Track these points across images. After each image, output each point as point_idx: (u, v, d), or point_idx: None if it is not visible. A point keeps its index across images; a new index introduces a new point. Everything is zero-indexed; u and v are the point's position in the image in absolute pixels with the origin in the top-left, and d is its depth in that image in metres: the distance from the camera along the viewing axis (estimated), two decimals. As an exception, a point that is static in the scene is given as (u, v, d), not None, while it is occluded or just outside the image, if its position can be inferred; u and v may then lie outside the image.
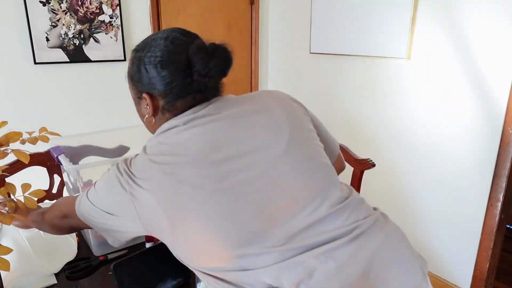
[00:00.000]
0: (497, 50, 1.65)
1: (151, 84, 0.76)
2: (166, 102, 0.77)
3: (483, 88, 1.72)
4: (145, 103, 0.78)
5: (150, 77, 0.75)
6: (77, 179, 1.06)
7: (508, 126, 1.66)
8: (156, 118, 0.80)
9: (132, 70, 0.79)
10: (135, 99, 0.83)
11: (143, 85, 0.77)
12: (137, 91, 0.79)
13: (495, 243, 1.82)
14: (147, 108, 0.78)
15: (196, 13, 2.44)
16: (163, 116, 0.79)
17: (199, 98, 0.77)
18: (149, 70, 0.74)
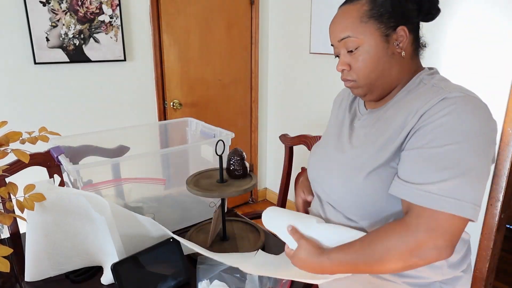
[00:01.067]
0: (497, 50, 1.65)
1: (406, 15, 0.75)
2: (415, 39, 0.78)
3: (483, 88, 1.72)
4: (395, 38, 0.75)
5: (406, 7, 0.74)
6: (77, 179, 1.06)
7: (508, 126, 1.66)
8: (405, 57, 0.77)
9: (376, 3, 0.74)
10: (380, 40, 0.74)
11: (397, 18, 0.74)
12: (388, 27, 0.74)
13: (495, 243, 1.82)
14: (397, 44, 0.75)
15: (196, 13, 2.44)
16: (413, 60, 0.79)
17: None
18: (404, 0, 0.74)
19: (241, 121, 2.92)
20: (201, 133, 1.48)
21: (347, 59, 0.78)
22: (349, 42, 0.75)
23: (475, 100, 0.68)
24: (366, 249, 0.69)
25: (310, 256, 0.76)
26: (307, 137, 1.57)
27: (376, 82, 0.77)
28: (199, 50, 2.52)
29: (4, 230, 1.54)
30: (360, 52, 0.75)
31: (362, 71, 0.76)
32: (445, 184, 0.63)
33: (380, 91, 0.79)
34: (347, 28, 0.75)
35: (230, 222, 1.30)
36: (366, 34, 0.74)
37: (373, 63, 0.75)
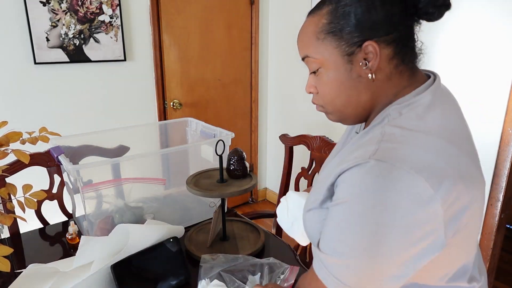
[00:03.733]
0: (497, 50, 1.65)
1: (375, 27, 0.58)
2: (396, 53, 0.60)
3: (483, 88, 1.72)
4: (361, 57, 0.60)
5: (375, 18, 0.58)
6: (77, 179, 1.06)
7: (508, 126, 1.66)
8: (377, 79, 0.61)
9: (336, 16, 0.60)
10: (340, 61, 0.61)
11: (361, 32, 0.59)
12: (351, 44, 0.59)
13: (495, 243, 1.82)
14: (365, 65, 0.60)
15: (196, 13, 2.44)
16: (389, 81, 0.62)
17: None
18: (369, 9, 0.58)
19: (241, 121, 2.92)
20: (201, 133, 1.48)
21: (313, 81, 0.67)
22: (309, 62, 0.65)
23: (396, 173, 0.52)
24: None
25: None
26: (307, 137, 1.57)
27: (344, 110, 0.65)
28: (199, 50, 2.52)
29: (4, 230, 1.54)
30: (321, 75, 0.64)
31: (326, 97, 0.65)
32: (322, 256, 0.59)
33: (354, 119, 0.67)
34: (304, 47, 0.65)
35: (230, 222, 1.30)
36: (324, 54, 0.62)
37: (335, 88, 0.63)
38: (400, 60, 0.62)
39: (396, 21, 0.59)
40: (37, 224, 1.34)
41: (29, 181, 0.89)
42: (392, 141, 0.56)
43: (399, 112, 0.60)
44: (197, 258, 1.10)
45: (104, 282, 0.92)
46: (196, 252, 1.10)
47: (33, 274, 0.92)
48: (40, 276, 0.92)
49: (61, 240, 1.25)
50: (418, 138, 0.56)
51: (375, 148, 0.55)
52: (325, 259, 0.59)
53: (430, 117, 0.59)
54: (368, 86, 0.62)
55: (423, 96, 0.61)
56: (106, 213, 1.19)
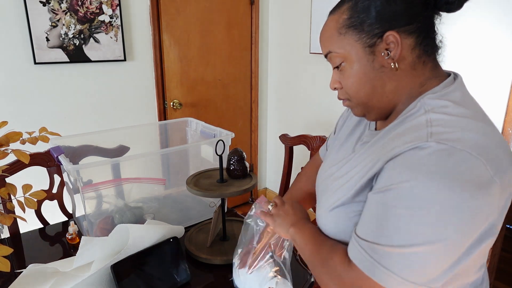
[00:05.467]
0: (497, 50, 1.65)
1: (395, 18, 0.60)
2: (418, 43, 0.61)
3: (483, 88, 1.72)
4: (383, 48, 0.61)
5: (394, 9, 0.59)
6: (77, 179, 1.06)
7: (508, 126, 1.66)
8: (401, 69, 0.62)
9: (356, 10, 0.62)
10: (362, 53, 0.62)
11: (381, 23, 0.60)
12: (371, 35, 0.61)
13: (495, 243, 1.82)
14: (387, 55, 0.61)
15: (196, 13, 2.44)
16: (413, 71, 0.62)
17: None
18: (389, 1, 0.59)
19: (241, 121, 2.92)
20: (201, 133, 1.48)
21: (337, 76, 0.68)
22: (332, 58, 0.67)
23: (458, 155, 0.51)
24: (315, 250, 0.69)
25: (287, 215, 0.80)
26: (307, 137, 1.58)
27: (369, 102, 0.66)
28: (199, 50, 2.52)
29: (4, 230, 1.55)
30: (345, 68, 0.65)
31: (351, 89, 0.66)
32: (381, 249, 0.55)
33: (379, 111, 0.67)
34: (327, 43, 0.67)
35: (230, 222, 1.30)
36: (346, 48, 0.64)
37: (359, 80, 0.64)
38: (423, 51, 0.62)
39: (416, 12, 0.60)
40: (37, 224, 1.34)
41: (29, 181, 0.89)
42: (443, 126, 0.55)
43: (437, 102, 0.60)
44: (197, 258, 1.10)
45: (104, 282, 0.92)
46: (196, 252, 1.10)
47: (33, 274, 0.92)
48: (40, 276, 0.92)
49: (61, 240, 1.25)
50: (467, 123, 0.56)
51: (428, 131, 0.55)
52: (384, 254, 0.54)
53: (469, 105, 0.60)
54: (392, 75, 0.63)
55: (454, 89, 0.62)
56: (106, 213, 1.19)
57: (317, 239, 0.71)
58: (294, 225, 0.77)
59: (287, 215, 0.80)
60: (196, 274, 1.05)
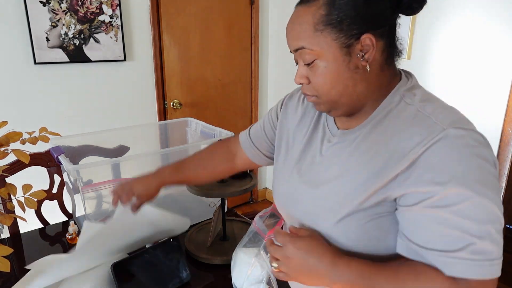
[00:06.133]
0: (497, 50, 1.65)
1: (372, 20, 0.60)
2: (386, 45, 0.63)
3: (483, 88, 1.72)
4: (358, 49, 0.61)
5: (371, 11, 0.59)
6: (77, 179, 1.06)
7: (507, 126, 1.66)
8: (372, 70, 0.63)
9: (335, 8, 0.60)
10: (339, 53, 0.61)
11: (360, 25, 0.60)
12: (349, 36, 0.60)
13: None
14: (361, 57, 0.61)
15: (196, 13, 2.44)
16: (382, 72, 0.64)
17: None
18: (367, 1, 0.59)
19: (241, 121, 2.92)
20: (201, 133, 1.48)
21: (305, 72, 0.65)
22: (303, 54, 0.63)
23: (476, 135, 0.56)
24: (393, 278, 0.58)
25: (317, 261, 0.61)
26: (307, 137, 1.57)
27: (340, 99, 0.65)
28: (199, 50, 2.52)
29: (4, 230, 1.55)
30: (317, 66, 0.63)
31: (321, 87, 0.64)
32: (474, 247, 0.54)
33: (346, 108, 0.67)
34: (300, 37, 0.63)
35: (230, 222, 1.30)
36: (322, 46, 0.61)
37: (333, 80, 0.63)
38: (389, 54, 0.65)
39: (387, 15, 0.61)
40: (37, 224, 1.34)
41: (29, 181, 0.89)
42: (440, 112, 0.59)
43: (412, 93, 0.64)
44: (197, 258, 1.10)
45: (104, 282, 0.92)
46: (196, 252, 1.10)
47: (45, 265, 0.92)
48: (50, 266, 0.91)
49: (61, 240, 1.25)
50: (450, 108, 0.61)
51: (433, 120, 0.58)
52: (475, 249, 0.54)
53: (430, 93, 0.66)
54: (364, 76, 0.63)
55: (416, 85, 0.67)
56: (106, 213, 1.19)
57: (381, 267, 0.59)
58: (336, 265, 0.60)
59: (306, 267, 0.61)
60: (196, 274, 1.05)
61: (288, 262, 0.63)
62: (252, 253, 0.90)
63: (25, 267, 0.94)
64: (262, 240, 0.91)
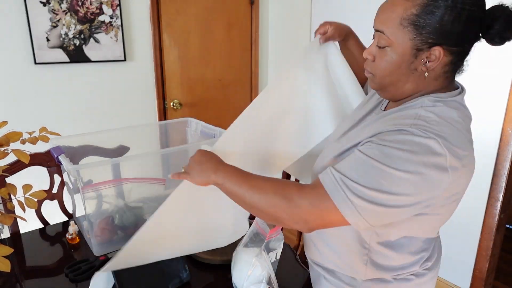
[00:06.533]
0: (497, 50, 1.65)
1: (449, 36, 0.66)
2: (452, 63, 0.70)
3: (483, 88, 1.72)
4: (425, 56, 0.68)
5: (454, 28, 0.64)
6: (77, 179, 1.06)
7: (507, 126, 1.66)
8: (427, 77, 0.70)
9: (426, 13, 0.65)
10: (408, 51, 0.68)
11: (437, 36, 0.66)
12: (424, 42, 0.67)
13: (495, 243, 1.82)
14: (424, 63, 0.68)
15: (196, 13, 2.44)
16: (435, 81, 0.71)
17: None
18: (455, 20, 0.64)
19: (241, 121, 2.92)
20: (201, 133, 1.48)
21: (375, 51, 0.74)
22: (381, 37, 0.71)
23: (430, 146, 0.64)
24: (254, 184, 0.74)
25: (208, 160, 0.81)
26: (307, 137, 1.57)
27: (388, 87, 0.75)
28: (199, 50, 2.52)
29: (4, 230, 1.55)
30: (386, 52, 0.71)
31: (380, 70, 0.73)
32: (349, 182, 0.65)
33: (390, 96, 0.77)
34: (384, 23, 0.70)
35: (230, 222, 1.29)
36: (398, 39, 0.68)
37: (392, 69, 0.71)
38: (452, 69, 0.72)
39: (468, 38, 0.68)
40: (37, 224, 1.34)
41: (29, 181, 0.89)
42: (427, 121, 0.66)
43: (434, 103, 0.70)
44: (197, 258, 1.10)
45: (105, 281, 0.92)
46: (196, 252, 1.10)
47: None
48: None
49: (61, 240, 1.25)
50: (448, 126, 0.66)
51: (412, 122, 0.67)
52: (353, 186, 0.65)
53: (459, 115, 0.70)
54: (418, 79, 0.71)
55: (456, 99, 0.72)
56: (106, 213, 1.19)
57: (250, 175, 0.76)
58: (218, 170, 0.78)
59: (201, 164, 0.80)
60: (196, 274, 1.05)
61: (190, 162, 0.83)
62: (253, 253, 0.91)
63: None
64: (263, 240, 0.91)
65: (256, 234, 0.95)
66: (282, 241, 0.95)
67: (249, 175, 0.77)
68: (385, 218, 0.68)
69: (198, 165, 0.80)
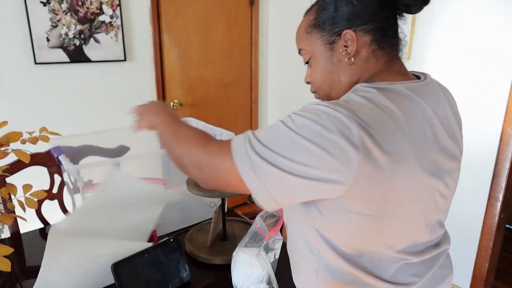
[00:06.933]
0: (497, 50, 1.65)
1: (353, 18, 0.67)
2: (374, 40, 0.68)
3: (483, 88, 1.72)
4: (342, 44, 0.68)
5: (352, 10, 0.67)
6: (78, 179, 1.06)
7: (507, 126, 1.66)
8: (355, 63, 0.69)
9: (321, 12, 0.70)
10: (323, 49, 0.71)
11: (340, 23, 0.68)
12: (332, 34, 0.69)
13: (495, 243, 1.83)
14: (344, 51, 0.68)
15: (196, 13, 2.44)
16: (366, 64, 0.69)
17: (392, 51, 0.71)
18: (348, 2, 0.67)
19: (241, 121, 2.92)
20: (201, 133, 1.47)
21: (309, 71, 0.77)
22: (303, 54, 0.76)
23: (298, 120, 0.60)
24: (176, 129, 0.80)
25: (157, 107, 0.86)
26: (307, 137, 1.57)
27: (331, 92, 0.74)
28: (199, 50, 2.52)
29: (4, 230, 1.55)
30: (311, 64, 0.74)
31: (317, 81, 0.75)
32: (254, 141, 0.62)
33: None
34: (298, 41, 0.76)
35: (230, 222, 1.30)
36: (311, 45, 0.72)
37: (322, 74, 0.73)
38: (377, 46, 0.69)
39: (373, 13, 0.67)
40: (38, 224, 1.34)
41: (29, 181, 0.89)
42: (348, 102, 0.61)
43: (367, 88, 0.64)
44: (197, 258, 1.10)
45: (104, 282, 0.92)
46: (196, 252, 1.11)
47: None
48: None
49: (61, 240, 1.25)
50: (373, 109, 0.59)
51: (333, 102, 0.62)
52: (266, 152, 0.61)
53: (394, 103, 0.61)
54: (347, 69, 0.70)
55: (397, 87, 0.64)
56: (106, 213, 1.19)
57: (186, 125, 0.81)
58: (159, 113, 0.82)
59: (151, 107, 0.86)
60: (196, 274, 1.05)
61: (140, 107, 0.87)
62: (253, 253, 0.91)
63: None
64: (262, 240, 0.91)
65: (255, 234, 0.95)
66: (281, 241, 0.95)
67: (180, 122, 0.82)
68: (284, 186, 0.63)
69: (145, 110, 0.86)
